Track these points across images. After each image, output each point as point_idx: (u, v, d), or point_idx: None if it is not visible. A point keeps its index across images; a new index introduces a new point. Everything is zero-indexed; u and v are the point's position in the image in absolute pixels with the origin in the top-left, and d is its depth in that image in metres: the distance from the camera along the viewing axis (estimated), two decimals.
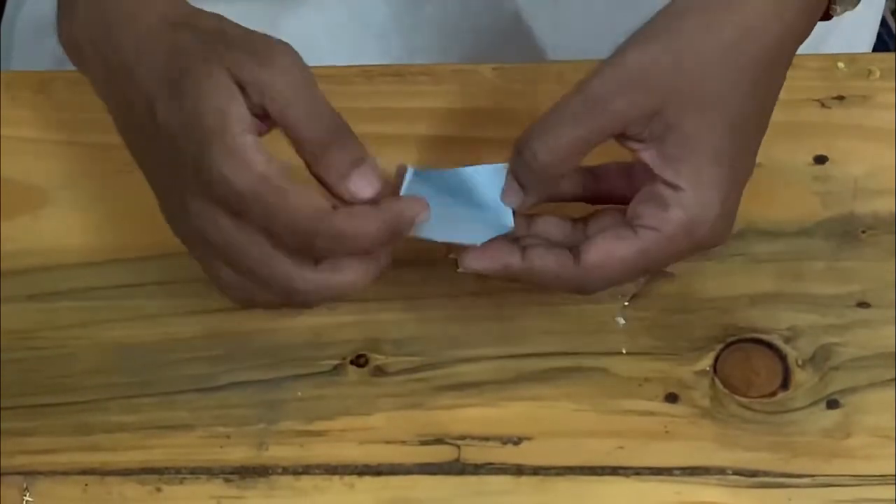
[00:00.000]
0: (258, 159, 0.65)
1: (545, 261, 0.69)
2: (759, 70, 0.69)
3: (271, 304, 0.70)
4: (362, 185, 0.67)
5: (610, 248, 0.68)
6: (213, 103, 0.65)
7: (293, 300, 0.68)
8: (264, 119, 0.66)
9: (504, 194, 0.70)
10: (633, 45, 0.68)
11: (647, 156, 0.68)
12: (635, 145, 0.69)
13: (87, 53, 0.72)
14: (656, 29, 0.68)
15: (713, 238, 0.69)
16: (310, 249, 0.66)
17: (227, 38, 0.67)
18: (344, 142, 0.67)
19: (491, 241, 0.70)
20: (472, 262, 0.70)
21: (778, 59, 0.70)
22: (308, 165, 0.67)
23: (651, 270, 0.72)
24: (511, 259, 0.69)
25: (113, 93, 0.71)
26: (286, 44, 0.67)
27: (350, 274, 0.67)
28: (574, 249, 0.69)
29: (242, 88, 0.65)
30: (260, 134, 0.66)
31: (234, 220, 0.66)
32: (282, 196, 0.64)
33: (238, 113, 0.65)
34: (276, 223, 0.65)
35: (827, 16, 0.73)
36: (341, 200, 0.67)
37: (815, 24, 0.72)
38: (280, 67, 0.66)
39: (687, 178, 0.68)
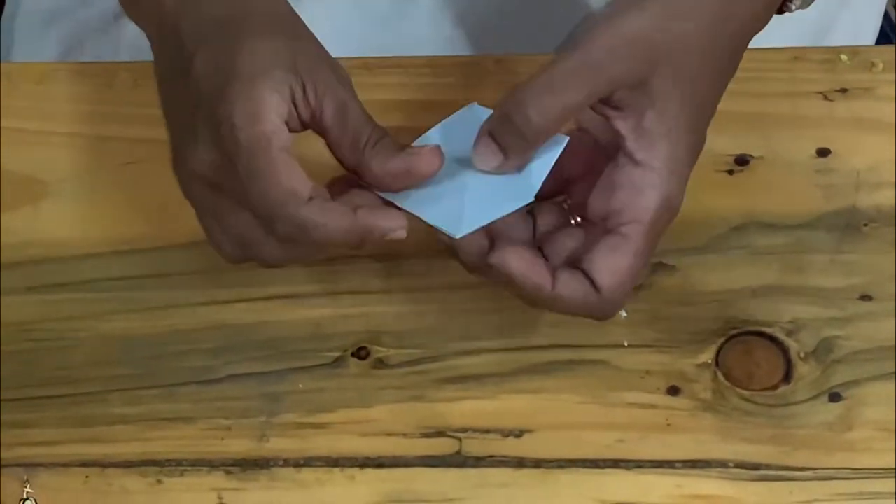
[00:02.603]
0: (271, 118, 0.66)
1: (573, 289, 0.68)
2: (732, 49, 0.69)
3: (271, 258, 0.70)
4: (422, 156, 0.68)
5: (616, 265, 0.68)
6: (258, 65, 0.66)
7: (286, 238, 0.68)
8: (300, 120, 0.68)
9: (479, 157, 0.68)
10: (631, 9, 0.67)
11: (623, 125, 0.67)
12: (611, 112, 0.67)
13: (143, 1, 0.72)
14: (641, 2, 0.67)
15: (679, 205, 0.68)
16: (271, 226, 0.67)
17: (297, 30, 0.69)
18: (388, 136, 0.69)
19: (530, 256, 0.69)
20: (511, 259, 0.68)
21: (744, 41, 0.70)
22: (353, 162, 0.68)
23: (648, 262, 0.71)
24: (544, 279, 0.68)
25: (164, 33, 0.71)
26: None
27: (330, 221, 0.67)
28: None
29: (303, 84, 0.67)
30: (290, 129, 0.67)
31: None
32: (271, 168, 0.65)
33: (278, 85, 0.66)
34: (252, 186, 0.66)
35: (780, 10, 0.72)
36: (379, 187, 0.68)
37: (769, 19, 0.71)
38: (336, 76, 0.68)
39: (661, 156, 0.67)
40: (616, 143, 0.68)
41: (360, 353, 0.76)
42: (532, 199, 0.69)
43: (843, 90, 0.80)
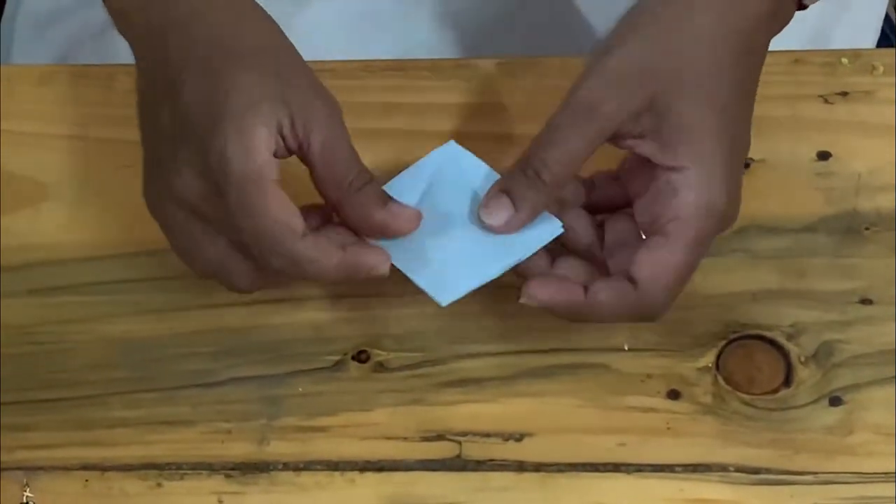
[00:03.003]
0: (261, 152, 0.66)
1: (609, 292, 0.69)
2: (737, 50, 0.69)
3: (243, 285, 0.70)
4: (401, 216, 0.70)
5: (653, 259, 0.68)
6: (245, 98, 0.66)
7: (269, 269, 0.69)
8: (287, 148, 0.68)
9: (489, 213, 0.70)
10: (614, 46, 0.68)
11: (646, 149, 0.69)
12: (631, 142, 0.69)
13: (132, 16, 0.72)
14: (633, 25, 0.69)
15: (731, 209, 0.69)
16: (265, 261, 0.67)
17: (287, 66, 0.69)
18: (373, 182, 0.70)
19: (552, 277, 0.71)
20: (537, 292, 0.69)
21: (754, 39, 0.70)
22: (335, 200, 0.69)
23: (696, 263, 0.70)
24: (575, 294, 0.69)
25: (151, 50, 0.71)
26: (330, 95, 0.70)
27: (320, 257, 0.68)
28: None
29: (291, 116, 0.67)
30: (278, 157, 0.67)
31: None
32: (264, 204, 0.66)
33: (266, 119, 0.67)
34: (244, 220, 0.66)
35: (802, 5, 0.72)
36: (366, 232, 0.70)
37: (788, 14, 0.72)
38: (327, 110, 0.69)
39: (688, 157, 0.68)
40: None
41: (361, 356, 0.76)
42: (514, 262, 0.71)
43: (844, 93, 0.80)
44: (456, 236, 0.71)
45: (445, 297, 0.70)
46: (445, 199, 0.72)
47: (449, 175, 0.73)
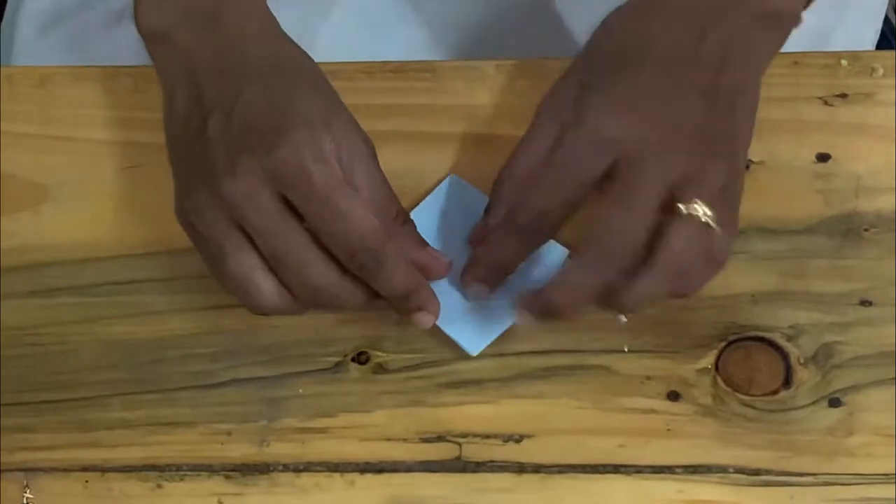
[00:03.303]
0: (339, 170, 0.68)
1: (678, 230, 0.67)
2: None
3: (265, 303, 0.70)
4: (440, 261, 0.73)
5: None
6: (311, 111, 0.69)
7: (303, 297, 0.69)
8: None
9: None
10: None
11: None
12: None
13: (172, 34, 0.73)
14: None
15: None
16: (351, 257, 0.68)
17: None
18: (411, 221, 0.73)
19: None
20: (552, 296, 0.70)
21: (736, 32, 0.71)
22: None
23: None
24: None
25: (196, 61, 0.72)
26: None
27: (359, 294, 0.70)
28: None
29: (337, 144, 0.69)
30: None
31: (282, 206, 0.68)
32: (351, 205, 0.68)
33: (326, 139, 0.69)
34: (335, 225, 0.67)
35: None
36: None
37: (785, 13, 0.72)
38: (366, 147, 0.71)
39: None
40: None
41: (361, 357, 0.76)
42: None
43: (844, 95, 0.80)
44: None
45: (476, 347, 0.74)
46: (455, 240, 0.75)
47: (454, 213, 0.76)
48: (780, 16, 0.72)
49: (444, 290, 0.74)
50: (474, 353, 0.74)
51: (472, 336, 0.74)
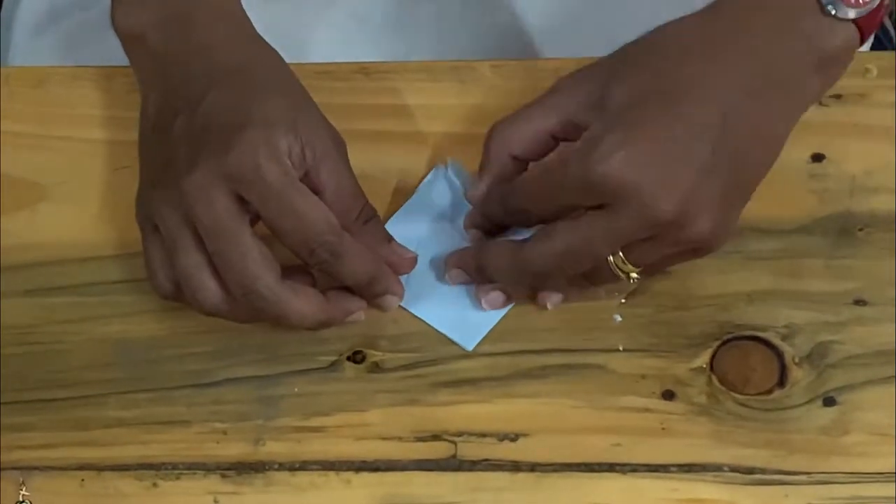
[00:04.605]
0: (293, 170, 0.69)
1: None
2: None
3: (206, 303, 0.71)
4: (404, 258, 0.75)
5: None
6: (273, 112, 0.70)
7: (243, 301, 0.70)
8: None
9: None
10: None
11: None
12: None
13: (146, 36, 0.75)
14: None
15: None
16: (310, 254, 0.69)
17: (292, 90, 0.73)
18: (377, 218, 0.74)
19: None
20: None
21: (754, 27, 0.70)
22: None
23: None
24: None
25: (167, 68, 0.74)
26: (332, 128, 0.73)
27: (303, 302, 0.71)
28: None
29: (302, 144, 0.70)
30: None
31: (236, 205, 0.69)
32: (306, 202, 0.69)
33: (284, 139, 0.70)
34: (290, 222, 0.69)
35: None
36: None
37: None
38: (334, 144, 0.72)
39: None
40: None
41: (356, 356, 0.76)
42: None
43: (838, 96, 0.80)
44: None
45: (471, 341, 0.75)
46: (445, 234, 0.76)
47: (445, 203, 0.76)
48: (836, 59, 0.71)
49: (434, 288, 0.74)
50: (470, 347, 0.74)
51: (467, 331, 0.75)
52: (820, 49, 0.70)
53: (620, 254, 0.70)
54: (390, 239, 0.74)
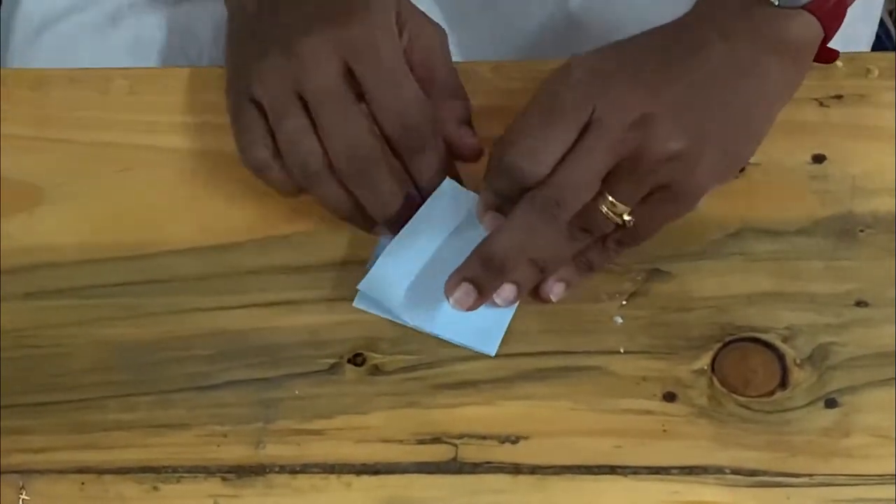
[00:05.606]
0: (402, 52, 0.75)
1: None
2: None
3: (311, 165, 0.74)
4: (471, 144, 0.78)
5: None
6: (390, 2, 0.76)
7: (344, 163, 0.73)
8: None
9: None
10: None
11: None
12: None
13: None
14: None
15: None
16: (400, 131, 0.74)
17: None
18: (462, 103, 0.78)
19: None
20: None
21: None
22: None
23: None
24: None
25: None
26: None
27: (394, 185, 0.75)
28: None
29: (401, 24, 0.76)
30: None
31: (346, 76, 0.74)
32: (410, 85, 0.75)
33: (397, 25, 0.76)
34: (390, 96, 0.74)
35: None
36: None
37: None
38: (433, 29, 0.78)
39: None
40: None
41: (357, 359, 0.76)
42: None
43: (839, 96, 0.80)
44: None
45: (492, 346, 0.75)
46: (453, 247, 0.75)
47: (450, 220, 0.76)
48: (802, 47, 0.75)
49: (443, 303, 0.74)
50: (493, 352, 0.75)
51: (485, 338, 0.75)
52: (776, 37, 0.74)
53: (609, 197, 0.71)
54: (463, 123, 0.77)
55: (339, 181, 0.74)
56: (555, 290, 0.75)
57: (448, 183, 0.76)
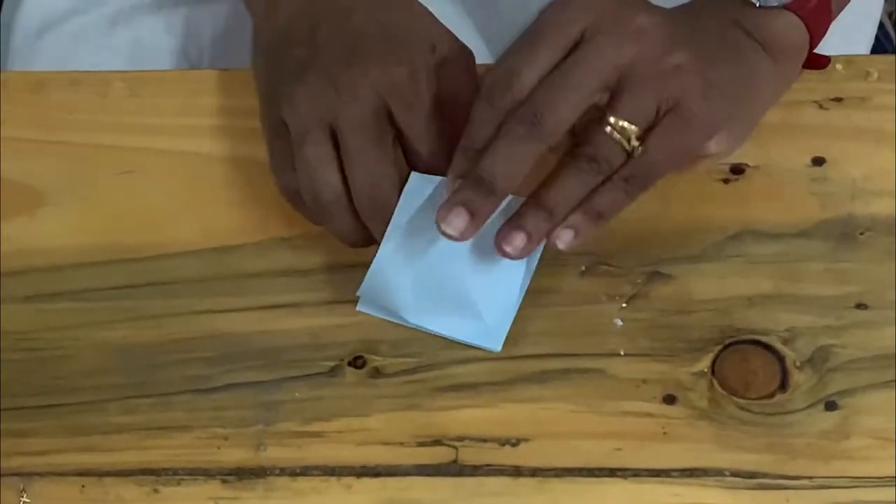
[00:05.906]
0: (435, 92, 0.74)
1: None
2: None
3: (325, 194, 0.73)
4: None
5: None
6: (423, 33, 0.76)
7: (364, 198, 0.73)
8: None
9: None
10: None
11: None
12: None
13: None
14: None
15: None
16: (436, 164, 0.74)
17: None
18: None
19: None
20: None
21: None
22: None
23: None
24: None
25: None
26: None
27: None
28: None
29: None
30: None
31: (385, 113, 0.73)
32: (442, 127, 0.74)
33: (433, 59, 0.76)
34: (425, 131, 0.74)
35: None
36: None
37: None
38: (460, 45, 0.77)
39: None
40: None
41: (357, 362, 0.76)
42: (527, 272, 0.74)
43: (839, 99, 0.80)
44: (467, 275, 0.74)
45: (497, 342, 0.75)
46: (440, 243, 0.73)
47: (433, 211, 0.72)
48: (787, 47, 0.75)
49: (441, 301, 0.74)
50: (498, 348, 0.74)
51: (489, 334, 0.75)
52: (760, 36, 0.74)
53: (612, 117, 0.70)
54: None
55: (351, 213, 0.73)
56: (563, 236, 0.72)
57: (416, 176, 0.74)
